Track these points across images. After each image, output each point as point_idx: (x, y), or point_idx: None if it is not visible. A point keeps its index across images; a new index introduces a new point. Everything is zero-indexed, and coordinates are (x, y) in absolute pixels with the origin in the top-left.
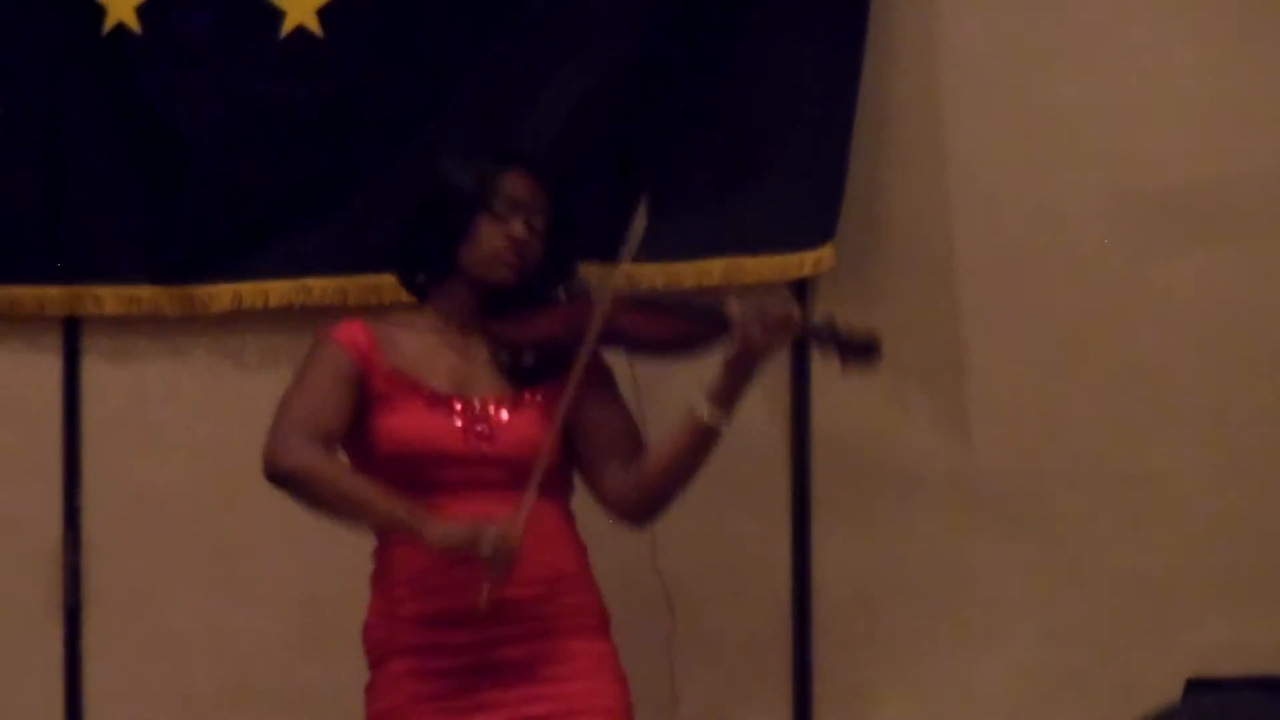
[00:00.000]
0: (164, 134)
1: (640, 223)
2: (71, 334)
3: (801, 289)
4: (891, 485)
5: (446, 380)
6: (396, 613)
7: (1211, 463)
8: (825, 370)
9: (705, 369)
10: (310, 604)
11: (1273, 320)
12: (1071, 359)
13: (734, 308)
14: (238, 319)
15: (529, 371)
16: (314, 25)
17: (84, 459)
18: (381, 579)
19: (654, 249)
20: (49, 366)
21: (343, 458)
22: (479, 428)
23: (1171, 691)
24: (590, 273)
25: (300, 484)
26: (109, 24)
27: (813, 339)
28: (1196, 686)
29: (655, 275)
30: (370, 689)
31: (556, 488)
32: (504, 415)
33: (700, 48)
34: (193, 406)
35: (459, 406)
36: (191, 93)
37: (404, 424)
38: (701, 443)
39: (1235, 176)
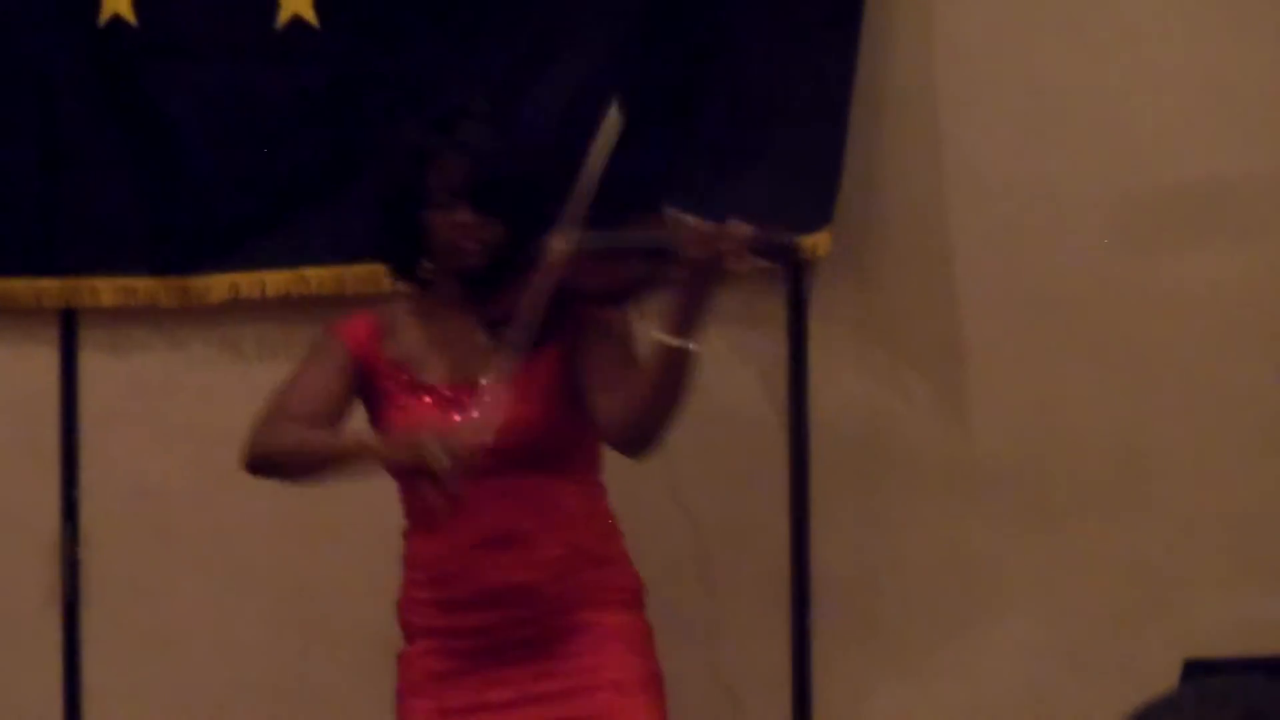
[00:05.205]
0: (160, 125)
1: (588, 178)
2: (68, 326)
3: (797, 274)
4: (891, 471)
5: (445, 371)
6: (417, 596)
7: (1210, 447)
8: (823, 356)
9: None
10: (311, 595)
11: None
12: (1068, 344)
13: (673, 231)
14: (235, 310)
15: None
16: (310, 15)
17: (82, 452)
18: (406, 562)
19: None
20: (46, 359)
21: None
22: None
23: (1170, 673)
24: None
25: (265, 464)
26: (105, 15)
27: (754, 252)
28: (1195, 668)
29: None
30: (400, 661)
31: (571, 463)
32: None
33: (693, 38)
34: (191, 398)
35: (451, 399)
36: (187, 83)
37: (401, 420)
38: (673, 364)
39: (1228, 160)
